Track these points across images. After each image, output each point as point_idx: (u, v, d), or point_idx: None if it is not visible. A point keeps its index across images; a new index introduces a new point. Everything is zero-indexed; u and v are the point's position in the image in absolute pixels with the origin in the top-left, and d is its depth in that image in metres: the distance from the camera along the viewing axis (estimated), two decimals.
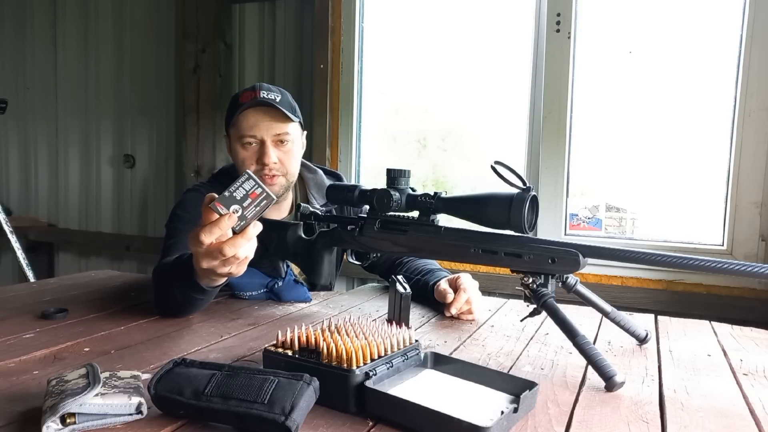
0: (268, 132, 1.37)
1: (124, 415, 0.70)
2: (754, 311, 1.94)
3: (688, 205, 2.14)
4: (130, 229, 3.20)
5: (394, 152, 2.65)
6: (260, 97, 1.35)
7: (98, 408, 0.68)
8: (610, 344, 1.12)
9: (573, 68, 2.20)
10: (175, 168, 3.01)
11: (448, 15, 2.46)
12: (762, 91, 1.97)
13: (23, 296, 1.40)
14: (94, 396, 0.67)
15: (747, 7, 1.97)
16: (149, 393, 0.72)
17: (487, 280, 2.28)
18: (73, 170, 3.37)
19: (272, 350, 0.82)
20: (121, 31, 3.15)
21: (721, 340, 1.19)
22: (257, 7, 2.77)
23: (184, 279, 1.08)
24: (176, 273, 1.10)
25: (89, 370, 0.73)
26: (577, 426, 0.74)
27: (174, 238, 1.32)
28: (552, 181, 2.24)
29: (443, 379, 0.85)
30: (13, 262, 3.14)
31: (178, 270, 1.09)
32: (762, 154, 1.98)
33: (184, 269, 1.07)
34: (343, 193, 1.16)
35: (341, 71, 2.57)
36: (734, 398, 0.87)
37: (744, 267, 0.81)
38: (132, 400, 0.70)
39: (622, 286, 2.14)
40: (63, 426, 0.66)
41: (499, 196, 0.96)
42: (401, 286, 1.05)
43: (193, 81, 2.79)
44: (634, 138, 2.19)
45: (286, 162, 1.40)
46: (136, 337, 1.08)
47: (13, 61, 3.48)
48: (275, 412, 0.65)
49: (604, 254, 0.92)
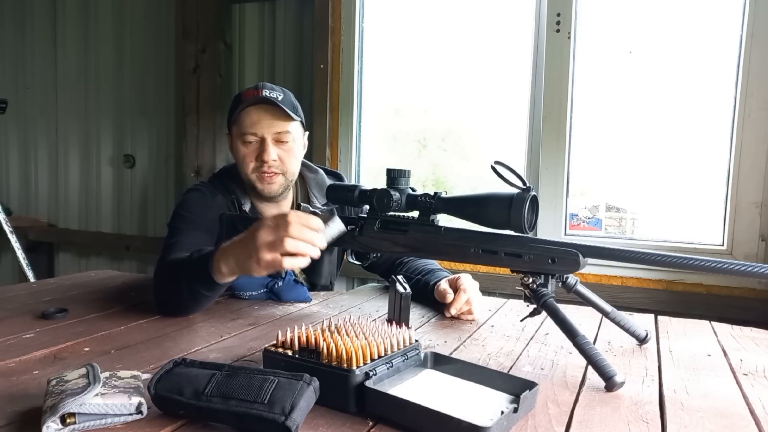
0: (269, 130, 1.37)
1: (124, 414, 0.70)
2: (754, 311, 1.94)
3: (688, 205, 2.14)
4: (130, 229, 3.20)
5: (394, 152, 2.65)
6: (262, 95, 1.35)
7: (98, 408, 0.68)
8: (610, 344, 1.12)
9: (573, 68, 2.20)
10: (175, 168, 3.01)
11: (448, 15, 2.46)
12: (762, 91, 1.97)
13: (23, 296, 1.40)
14: (94, 396, 0.67)
15: (747, 7, 1.97)
16: (149, 393, 0.72)
17: (487, 280, 2.28)
18: (73, 170, 3.36)
19: (272, 350, 0.82)
20: (121, 31, 3.15)
21: (721, 340, 1.19)
22: (257, 7, 2.77)
23: (197, 274, 1.10)
24: (188, 268, 1.13)
25: (89, 370, 0.73)
26: (577, 426, 0.74)
27: (176, 237, 1.32)
28: (552, 181, 2.24)
29: (443, 379, 0.85)
30: (13, 262, 3.14)
31: (193, 265, 1.12)
32: (762, 154, 1.98)
33: (198, 264, 1.10)
34: (343, 193, 1.16)
35: (341, 71, 2.57)
36: (734, 398, 0.87)
37: (744, 267, 0.81)
38: (132, 400, 0.70)
39: (622, 286, 2.14)
40: (63, 426, 0.66)
41: (499, 196, 0.96)
42: (401, 286, 1.05)
43: (193, 81, 2.79)
44: (634, 138, 2.19)
45: (286, 160, 1.40)
46: (136, 337, 1.08)
47: (13, 61, 3.48)
48: (275, 412, 0.65)
49: (604, 254, 0.92)
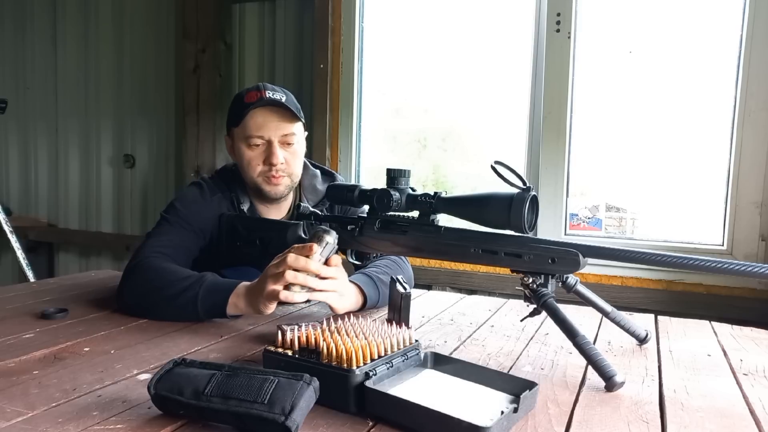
0: (276, 132, 1.35)
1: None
2: (754, 311, 1.94)
3: (688, 205, 2.14)
4: (131, 229, 3.20)
5: (394, 152, 2.65)
6: (267, 96, 1.34)
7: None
8: (610, 344, 1.12)
9: (573, 68, 2.20)
10: (175, 168, 3.01)
11: (448, 15, 2.46)
12: (762, 91, 1.96)
13: (23, 296, 1.40)
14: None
15: (747, 7, 1.97)
16: (149, 393, 0.72)
17: (487, 280, 2.28)
18: (73, 170, 3.36)
19: (272, 350, 0.82)
20: (121, 31, 3.15)
21: (721, 340, 1.19)
22: (257, 7, 2.77)
23: (206, 302, 1.14)
24: (192, 290, 1.15)
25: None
26: (577, 426, 0.74)
27: (164, 233, 1.32)
28: (552, 181, 2.23)
29: (443, 379, 0.85)
30: (13, 262, 3.14)
31: (203, 291, 1.15)
32: (762, 154, 1.98)
33: (212, 294, 1.14)
34: (343, 193, 1.15)
35: (341, 71, 2.57)
36: (734, 398, 0.87)
37: (744, 267, 0.81)
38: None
39: (622, 286, 2.14)
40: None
41: (499, 196, 0.96)
42: (401, 286, 1.05)
43: (193, 81, 2.79)
44: (634, 138, 2.19)
45: (292, 162, 1.39)
46: (136, 337, 1.08)
47: (13, 61, 3.48)
48: (275, 412, 0.65)
49: (604, 254, 0.92)
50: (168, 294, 1.16)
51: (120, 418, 0.72)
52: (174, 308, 1.16)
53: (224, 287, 1.15)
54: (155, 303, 1.18)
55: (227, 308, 1.13)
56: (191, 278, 1.17)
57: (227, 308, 1.13)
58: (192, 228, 1.33)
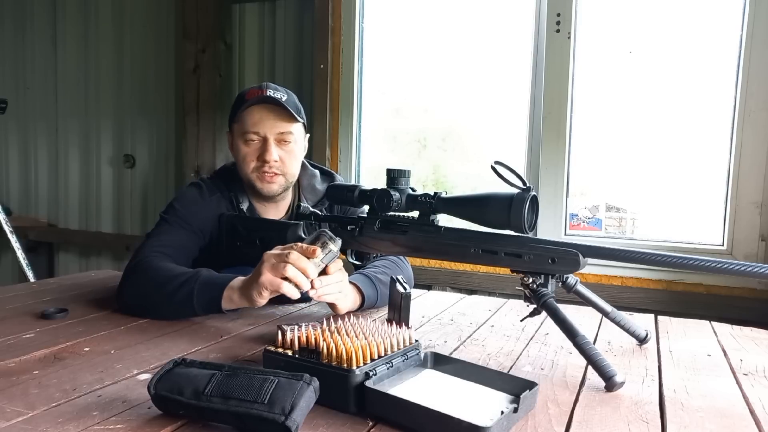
0: (272, 130, 1.36)
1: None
2: (754, 311, 1.94)
3: (688, 205, 2.14)
4: (131, 229, 3.20)
5: (394, 152, 2.65)
6: (266, 94, 1.35)
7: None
8: (610, 344, 1.12)
9: (573, 68, 2.20)
10: (175, 168, 3.01)
11: (448, 15, 2.46)
12: (762, 91, 1.96)
13: (23, 296, 1.40)
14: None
15: (747, 7, 1.97)
16: (149, 393, 0.72)
17: (487, 280, 2.28)
18: (73, 170, 3.36)
19: (272, 350, 0.82)
20: (121, 31, 3.15)
21: (721, 340, 1.19)
22: (257, 7, 2.77)
23: (202, 296, 1.14)
24: (189, 285, 1.15)
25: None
26: (577, 426, 0.74)
27: (163, 233, 1.32)
28: (552, 181, 2.23)
29: (443, 379, 0.85)
30: (13, 262, 3.14)
31: (198, 285, 1.15)
32: (762, 154, 1.98)
33: (207, 288, 1.14)
34: (343, 193, 1.16)
35: (341, 71, 2.57)
36: (734, 398, 0.87)
37: (744, 267, 0.81)
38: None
39: (622, 286, 2.14)
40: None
41: (499, 196, 0.96)
42: (401, 286, 1.05)
43: (193, 81, 2.79)
44: (634, 138, 2.19)
45: (287, 162, 1.39)
46: (136, 337, 1.08)
47: (13, 61, 3.48)
48: (275, 412, 0.65)
49: (604, 254, 0.92)
50: (166, 292, 1.16)
51: (120, 418, 0.72)
52: (172, 306, 1.17)
53: (219, 281, 1.15)
54: (155, 302, 1.19)
55: (222, 302, 1.13)
56: (186, 274, 1.17)
57: (222, 302, 1.13)
58: (191, 228, 1.34)
